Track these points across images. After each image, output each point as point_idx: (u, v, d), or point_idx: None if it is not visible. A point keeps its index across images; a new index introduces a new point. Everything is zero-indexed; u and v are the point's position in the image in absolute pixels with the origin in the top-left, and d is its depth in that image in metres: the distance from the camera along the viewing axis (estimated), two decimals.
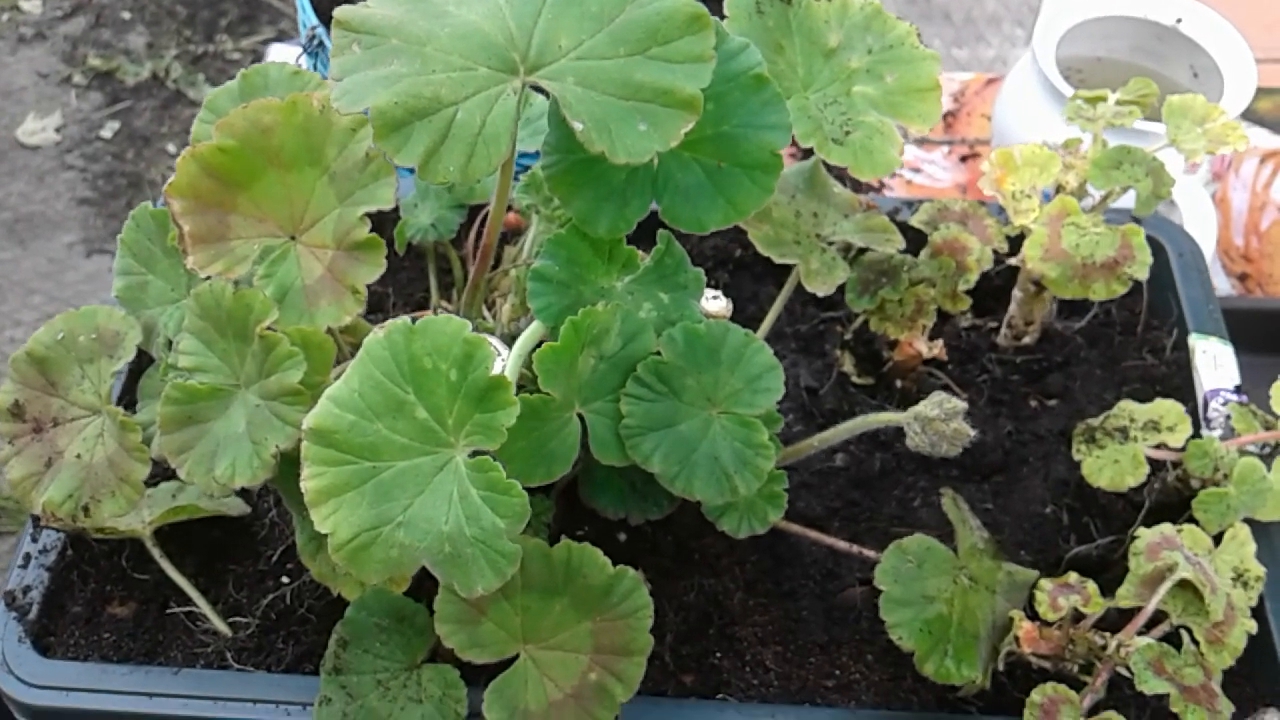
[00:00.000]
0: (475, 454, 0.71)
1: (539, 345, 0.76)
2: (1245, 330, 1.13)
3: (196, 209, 0.76)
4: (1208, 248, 1.22)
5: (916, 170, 1.54)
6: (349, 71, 0.68)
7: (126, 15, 2.89)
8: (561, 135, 0.75)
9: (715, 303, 0.83)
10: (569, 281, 0.79)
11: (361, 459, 0.70)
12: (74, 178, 2.58)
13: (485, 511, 0.69)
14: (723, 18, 0.81)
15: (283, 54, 1.65)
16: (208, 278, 0.76)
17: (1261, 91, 1.38)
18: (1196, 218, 1.28)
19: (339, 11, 0.69)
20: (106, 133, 2.66)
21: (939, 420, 0.81)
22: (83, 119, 2.68)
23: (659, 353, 0.79)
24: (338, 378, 0.73)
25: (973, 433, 0.82)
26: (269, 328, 0.74)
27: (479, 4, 0.71)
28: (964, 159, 1.57)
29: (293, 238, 0.77)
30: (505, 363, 0.77)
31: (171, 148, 2.64)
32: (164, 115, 2.70)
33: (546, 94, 0.71)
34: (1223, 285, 1.44)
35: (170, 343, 0.85)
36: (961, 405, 0.82)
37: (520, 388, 0.77)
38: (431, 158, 0.67)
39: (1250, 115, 1.54)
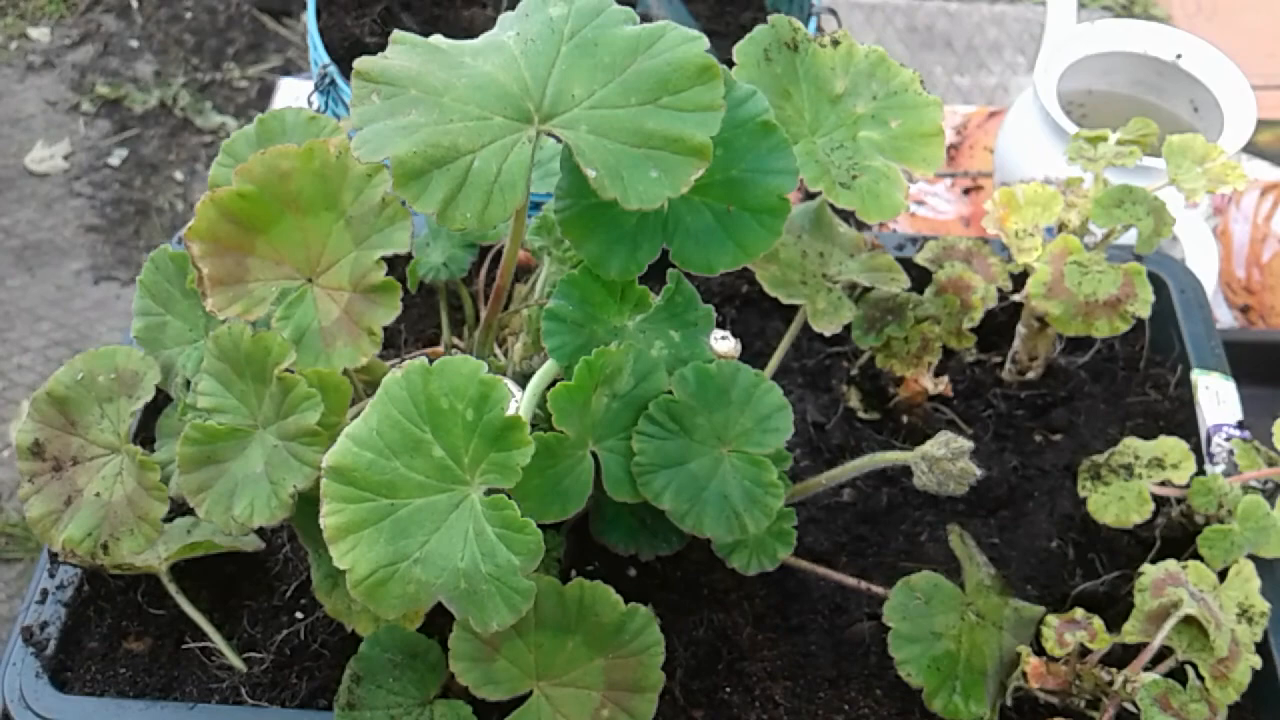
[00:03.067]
0: (490, 492, 0.72)
1: (553, 384, 0.78)
2: (1247, 362, 1.15)
3: (215, 252, 0.77)
4: (1209, 281, 1.23)
5: (920, 203, 1.56)
6: (368, 121, 0.70)
7: (134, 44, 2.92)
8: (574, 181, 0.76)
9: (724, 343, 0.85)
10: (582, 321, 0.80)
11: (379, 496, 0.71)
12: (82, 205, 2.61)
13: (500, 549, 0.70)
14: (731, 65, 0.83)
15: (292, 89, 1.67)
16: (226, 320, 0.78)
17: (1262, 124, 1.40)
18: (1198, 251, 1.29)
19: (359, 63, 0.71)
20: (114, 160, 2.69)
21: (946, 459, 0.83)
22: (91, 147, 2.71)
23: (671, 392, 0.80)
24: (354, 417, 0.74)
25: (979, 472, 0.83)
26: (287, 369, 0.76)
27: (495, 55, 0.72)
28: (966, 191, 1.58)
29: (310, 280, 0.79)
30: (519, 403, 0.78)
31: (179, 175, 2.66)
32: (172, 143, 2.73)
33: (559, 140, 0.73)
34: (1225, 318, 1.45)
35: (188, 383, 0.86)
36: (968, 444, 0.83)
37: (534, 426, 0.78)
38: (449, 205, 0.69)
39: (1251, 148, 1.55)
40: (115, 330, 2.38)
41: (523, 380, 0.83)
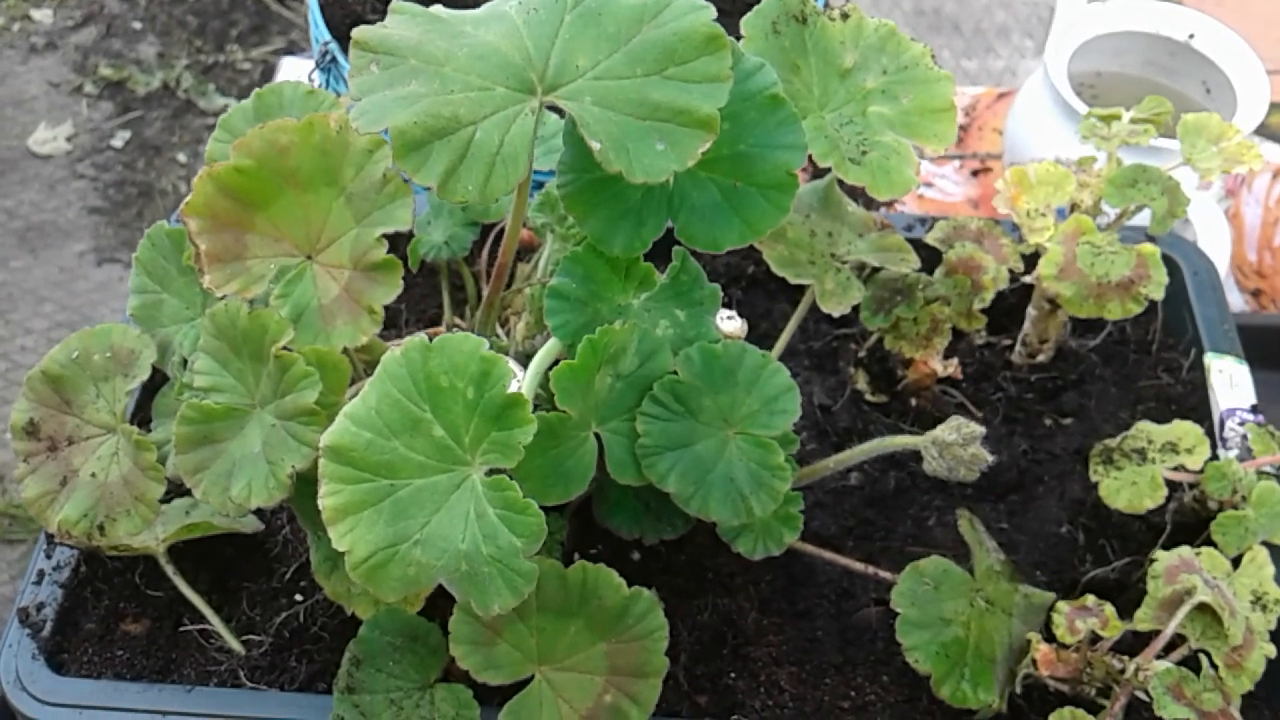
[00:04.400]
0: (492, 472, 0.70)
1: (556, 363, 0.76)
2: (1259, 346, 1.13)
3: (213, 228, 0.76)
4: (1221, 264, 1.21)
5: (928, 185, 1.54)
6: (368, 92, 0.68)
7: (138, 25, 2.90)
8: (577, 154, 0.75)
9: (730, 323, 0.83)
10: (586, 299, 0.79)
11: (379, 477, 0.70)
12: (85, 187, 2.59)
13: (502, 530, 0.69)
14: (739, 38, 0.81)
15: (294, 67, 1.65)
16: (223, 297, 0.76)
17: (1274, 106, 1.38)
18: (1210, 234, 1.27)
19: (357, 32, 0.69)
20: (117, 142, 2.67)
21: (957, 445, 0.81)
22: (94, 128, 2.69)
23: (676, 372, 0.79)
24: (353, 397, 0.73)
25: (990, 458, 0.82)
26: (284, 348, 0.74)
27: (497, 24, 0.71)
28: (975, 173, 1.57)
29: (309, 257, 0.77)
30: (521, 382, 0.76)
31: (182, 157, 2.65)
32: (175, 125, 2.72)
33: (563, 113, 0.71)
34: (1236, 301, 1.43)
35: (185, 361, 0.85)
36: (979, 430, 0.81)
37: (536, 406, 0.76)
38: (450, 177, 0.67)
39: (1263, 130, 1.53)
40: (118, 312, 2.37)
41: (525, 360, 0.82)
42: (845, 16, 0.83)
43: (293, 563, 0.94)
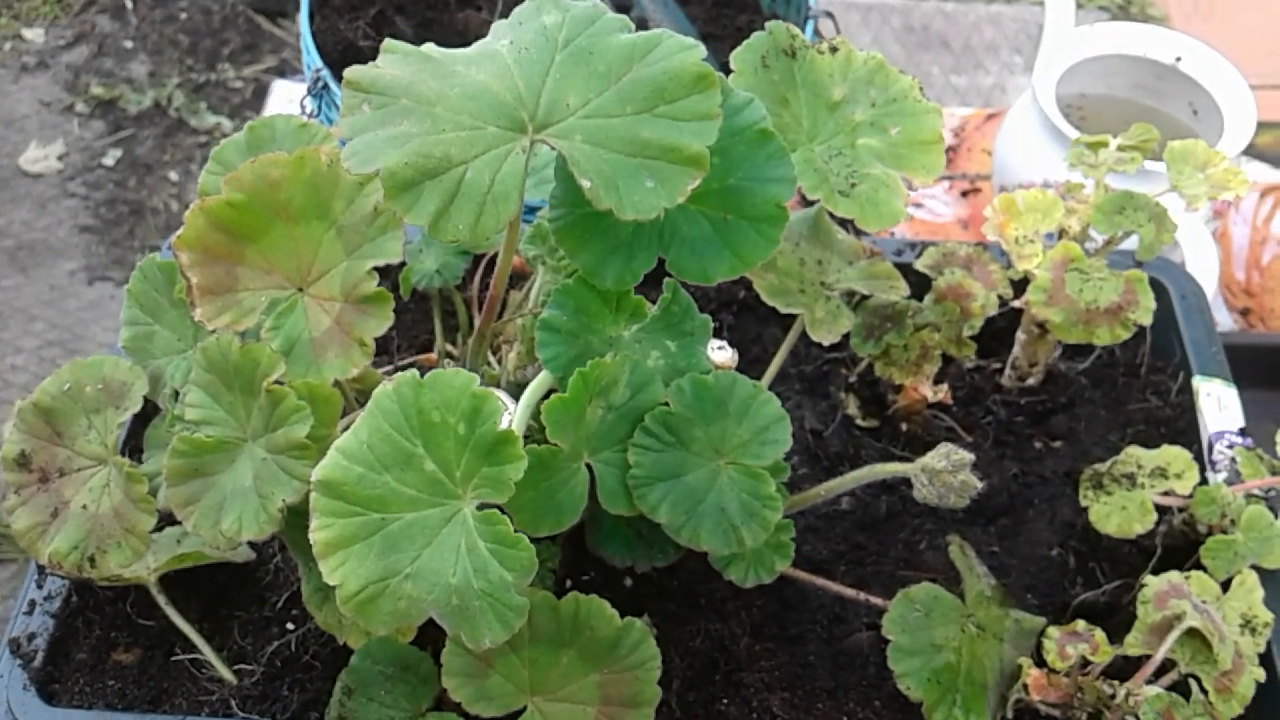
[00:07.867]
0: (483, 506, 0.71)
1: (547, 395, 0.77)
2: (1247, 366, 1.14)
3: (205, 261, 0.76)
4: (1209, 285, 1.22)
5: (918, 205, 1.55)
6: (359, 131, 0.68)
7: (129, 44, 2.90)
8: (568, 189, 0.75)
9: (721, 353, 0.83)
10: (577, 331, 0.79)
11: (370, 511, 0.70)
12: (76, 205, 2.59)
13: (493, 564, 0.69)
14: (727, 68, 0.82)
15: (286, 91, 1.66)
16: (215, 330, 0.76)
17: (1261, 126, 1.39)
18: (1198, 255, 1.28)
19: (350, 72, 0.70)
20: (109, 161, 2.67)
21: (946, 472, 0.81)
22: (85, 147, 2.69)
23: (667, 403, 0.79)
24: (345, 429, 0.73)
25: (980, 484, 0.82)
26: (276, 381, 0.75)
27: (488, 64, 0.71)
28: (965, 194, 1.57)
29: (300, 290, 0.78)
30: (513, 414, 0.77)
31: (174, 176, 2.65)
32: (166, 143, 2.71)
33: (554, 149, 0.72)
34: (1224, 320, 1.44)
35: (177, 393, 0.85)
36: (969, 457, 0.82)
37: (528, 437, 0.77)
38: (441, 217, 0.67)
39: (1250, 150, 1.54)
40: (109, 331, 2.37)
41: (517, 390, 0.82)
42: (834, 50, 0.84)
43: (284, 591, 0.94)
